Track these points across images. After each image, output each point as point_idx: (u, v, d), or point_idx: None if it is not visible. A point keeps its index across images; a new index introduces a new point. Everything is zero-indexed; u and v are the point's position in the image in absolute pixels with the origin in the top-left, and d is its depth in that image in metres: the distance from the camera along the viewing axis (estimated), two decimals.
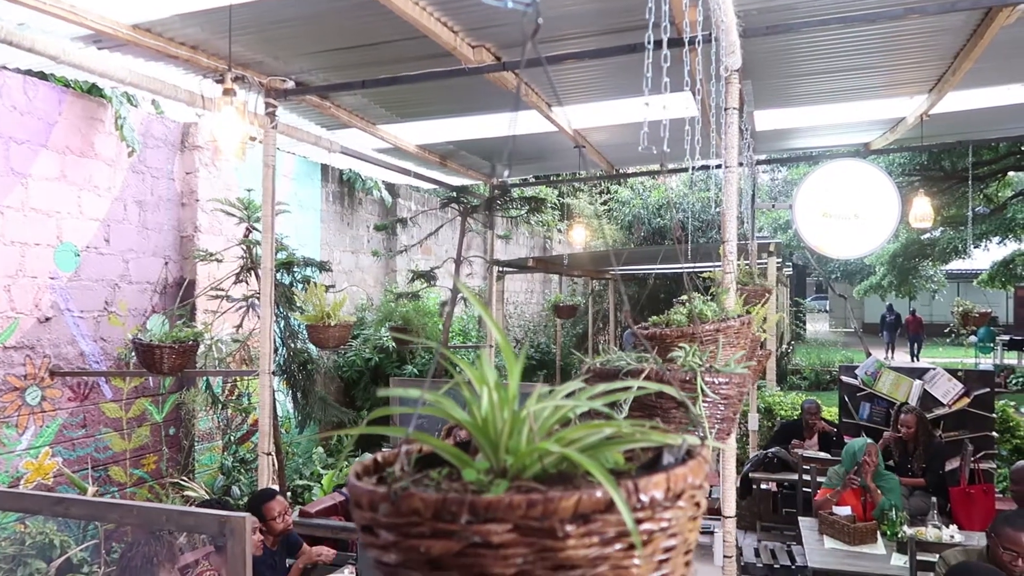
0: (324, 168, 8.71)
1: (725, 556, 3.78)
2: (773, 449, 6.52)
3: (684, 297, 2.31)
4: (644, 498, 0.59)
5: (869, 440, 5.19)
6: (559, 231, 15.44)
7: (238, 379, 7.29)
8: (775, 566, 4.92)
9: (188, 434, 6.79)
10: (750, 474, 6.51)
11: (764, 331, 3.30)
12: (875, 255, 18.82)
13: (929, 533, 4.16)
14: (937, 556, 3.41)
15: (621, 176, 9.50)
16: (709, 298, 2.62)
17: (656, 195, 15.43)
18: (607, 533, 0.58)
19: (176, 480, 6.50)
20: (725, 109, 3.54)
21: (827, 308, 33.74)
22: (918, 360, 20.84)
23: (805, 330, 22.80)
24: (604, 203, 17.78)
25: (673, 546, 0.63)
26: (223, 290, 5.99)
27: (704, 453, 0.68)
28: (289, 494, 6.62)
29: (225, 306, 6.09)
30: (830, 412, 7.22)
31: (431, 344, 1.21)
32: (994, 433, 6.55)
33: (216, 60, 4.19)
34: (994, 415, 6.56)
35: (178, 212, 6.84)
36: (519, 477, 0.66)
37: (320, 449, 8.37)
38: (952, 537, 4.15)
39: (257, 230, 5.82)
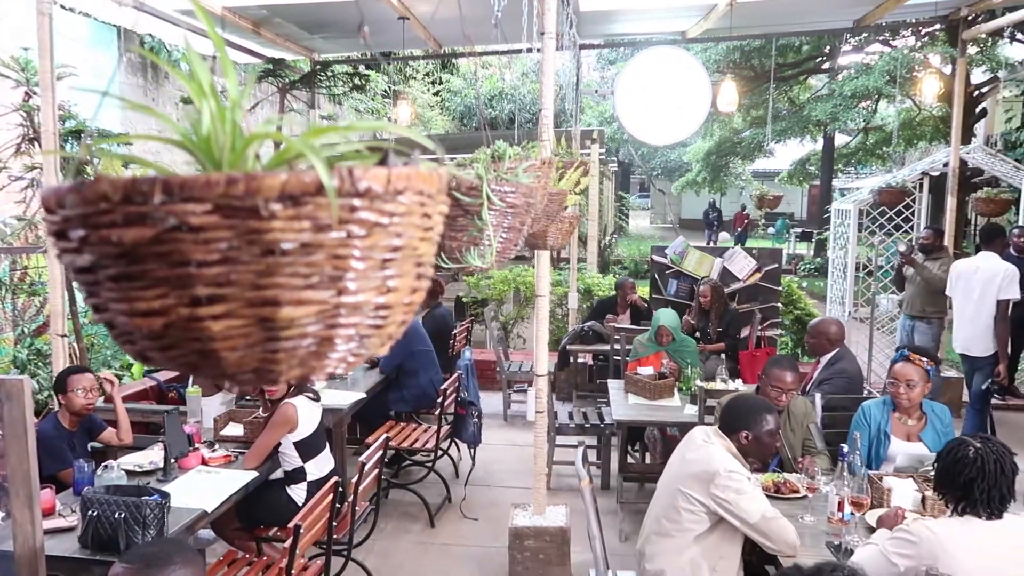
0: (121, 33, 7.80)
1: (537, 412, 4.01)
2: (589, 323, 6.91)
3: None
4: (360, 186, 0.57)
5: (672, 313, 5.61)
6: (389, 119, 14.98)
7: (30, 265, 6.61)
8: (586, 425, 5.30)
9: None
10: (567, 347, 6.88)
11: (577, 193, 3.40)
12: (691, 153, 19.93)
13: (717, 385, 4.63)
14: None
15: (447, 56, 9.26)
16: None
17: (488, 85, 15.28)
18: (321, 219, 0.56)
19: None
20: None
21: (649, 205, 35.60)
22: None
23: (628, 223, 23.98)
24: (436, 93, 17.41)
25: (398, 247, 0.62)
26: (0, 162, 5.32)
27: (442, 172, 0.67)
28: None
29: (4, 181, 5.42)
30: (643, 291, 7.72)
31: None
32: (779, 305, 7.32)
33: None
34: (780, 288, 7.31)
35: None
36: None
37: None
38: (736, 389, 4.63)
39: (38, 95, 5.15)
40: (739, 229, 22.16)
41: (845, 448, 3.02)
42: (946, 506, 2.37)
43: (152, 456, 3.68)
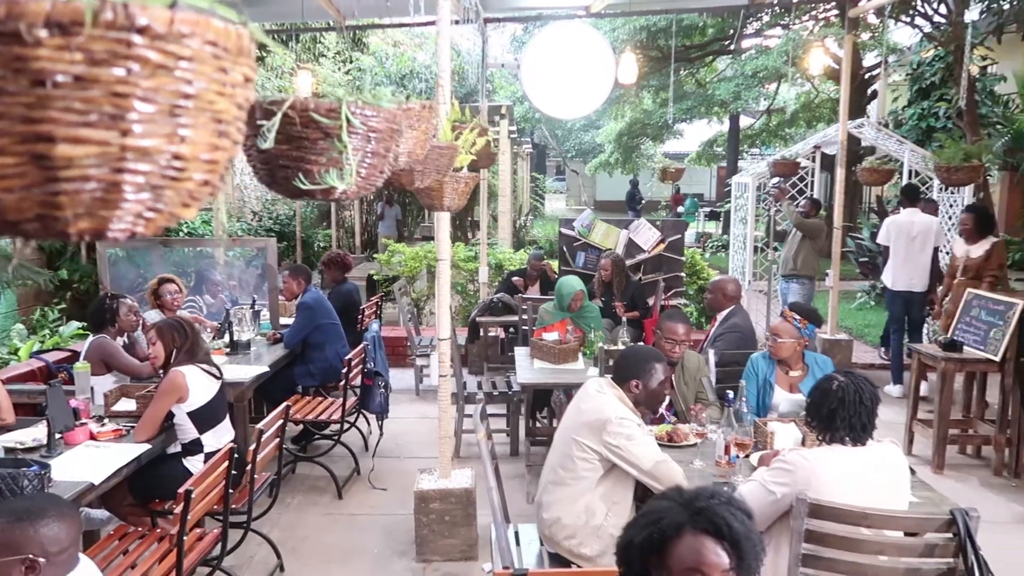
0: None
1: (440, 376, 4.02)
2: (498, 295, 6.95)
3: None
4: (138, 21, 0.57)
5: (576, 279, 5.71)
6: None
7: None
8: (494, 393, 5.35)
9: None
10: (477, 319, 6.91)
11: (472, 154, 3.41)
12: (604, 134, 20.22)
13: (619, 347, 4.75)
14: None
15: (348, 28, 9.09)
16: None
17: (399, 64, 15.10)
18: (96, 52, 0.55)
19: None
20: None
21: (565, 188, 35.97)
22: None
23: (544, 205, 24.18)
24: (347, 72, 17.09)
25: (189, 94, 0.61)
26: None
27: (242, 31, 0.67)
28: None
29: None
30: (553, 264, 7.82)
31: None
32: (683, 275, 7.55)
33: None
34: (684, 259, 7.53)
35: None
36: None
37: (20, 326, 7.48)
38: None
39: None
40: (677, 209, 22.10)
41: (731, 395, 3.16)
42: (817, 438, 2.52)
43: (35, 433, 3.51)
